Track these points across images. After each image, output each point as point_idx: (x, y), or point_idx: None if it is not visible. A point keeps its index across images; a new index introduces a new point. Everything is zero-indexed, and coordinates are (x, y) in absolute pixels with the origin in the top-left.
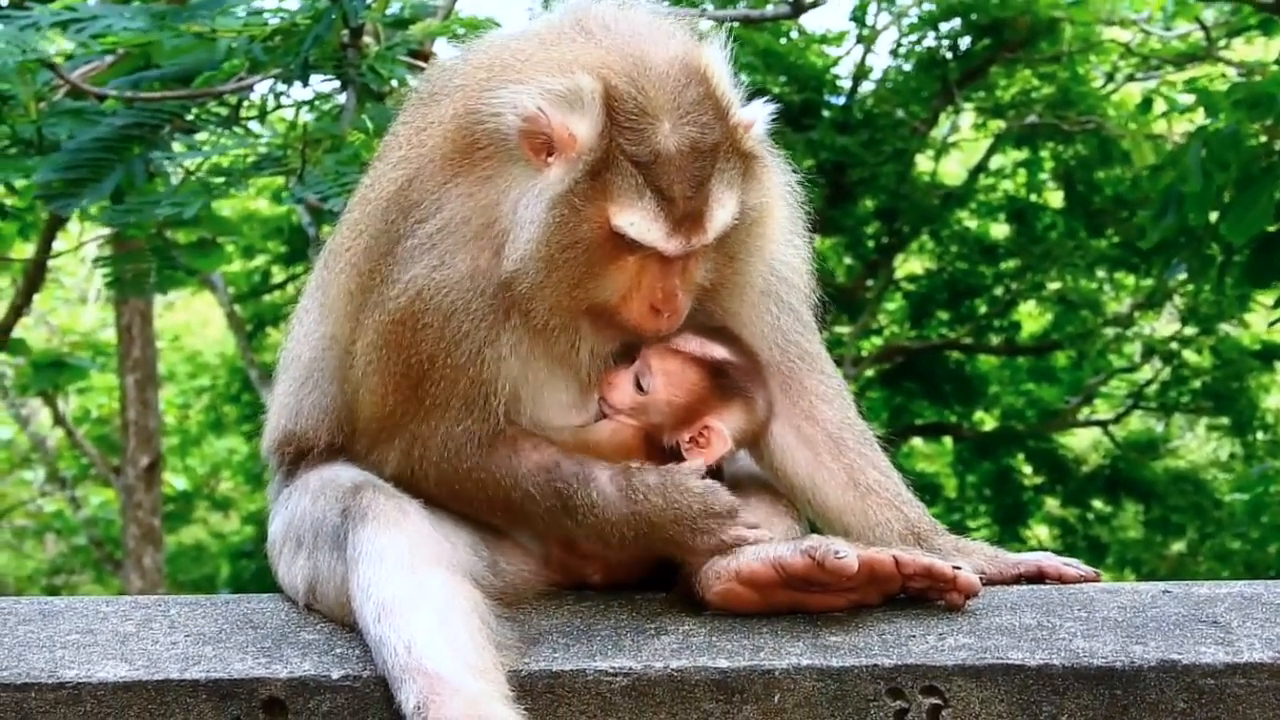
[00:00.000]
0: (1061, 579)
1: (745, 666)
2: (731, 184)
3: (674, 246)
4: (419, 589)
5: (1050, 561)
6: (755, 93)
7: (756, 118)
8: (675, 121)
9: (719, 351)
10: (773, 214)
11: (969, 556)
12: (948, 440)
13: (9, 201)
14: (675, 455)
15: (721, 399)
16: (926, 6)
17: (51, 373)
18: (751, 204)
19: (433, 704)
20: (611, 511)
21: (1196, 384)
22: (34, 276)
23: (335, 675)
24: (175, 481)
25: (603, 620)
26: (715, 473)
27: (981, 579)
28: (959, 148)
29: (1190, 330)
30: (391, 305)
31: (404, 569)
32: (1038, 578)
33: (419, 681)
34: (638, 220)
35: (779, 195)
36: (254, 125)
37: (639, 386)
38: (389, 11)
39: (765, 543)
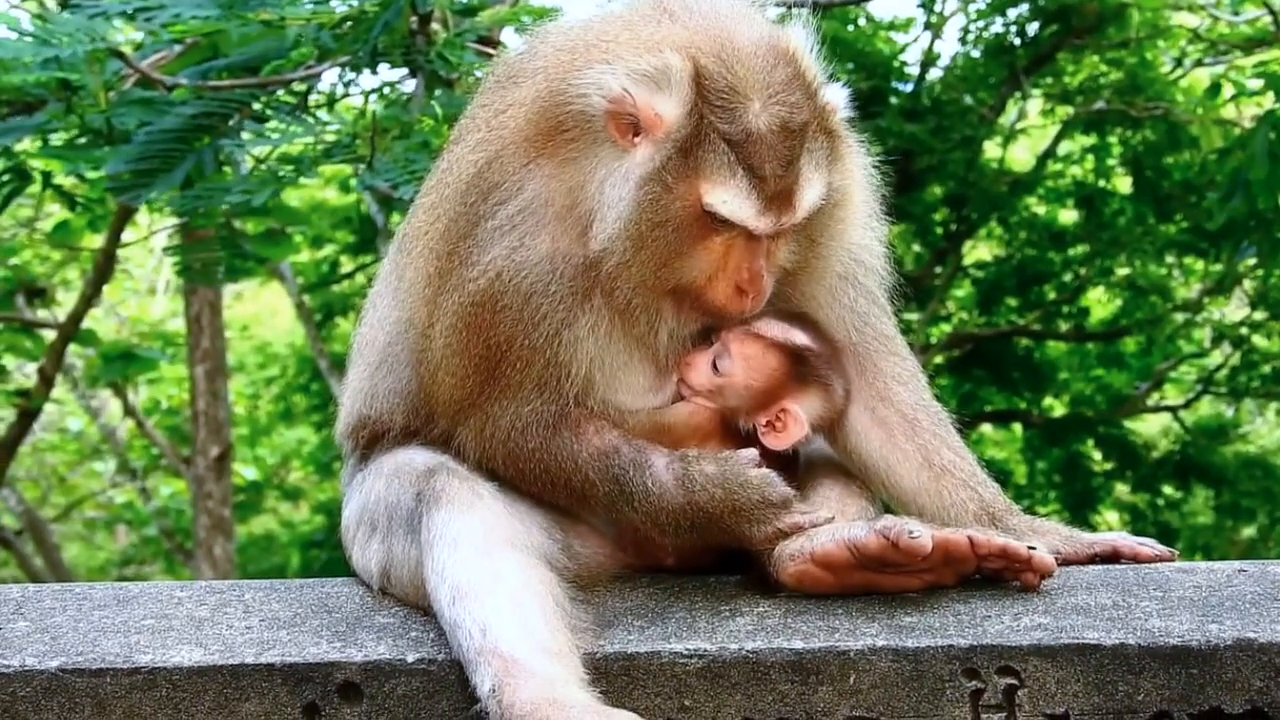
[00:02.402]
0: (1136, 558)
1: (820, 648)
2: (819, 164)
3: (765, 225)
4: (493, 572)
5: (1125, 541)
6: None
7: (840, 100)
8: (765, 101)
9: (800, 338)
10: (854, 197)
11: (1044, 537)
12: (1017, 427)
13: (79, 192)
14: (751, 438)
15: (800, 385)
16: None
17: (121, 364)
18: (836, 185)
19: (507, 686)
20: (668, 499)
21: (1266, 369)
22: (103, 267)
23: (410, 659)
24: (245, 472)
25: (677, 602)
26: (790, 455)
27: (1056, 559)
28: (1027, 134)
29: (1260, 315)
30: (471, 287)
31: (478, 552)
32: (1113, 557)
33: (494, 664)
34: (730, 198)
35: (860, 178)
36: (322, 114)
37: (716, 369)
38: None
39: (836, 524)
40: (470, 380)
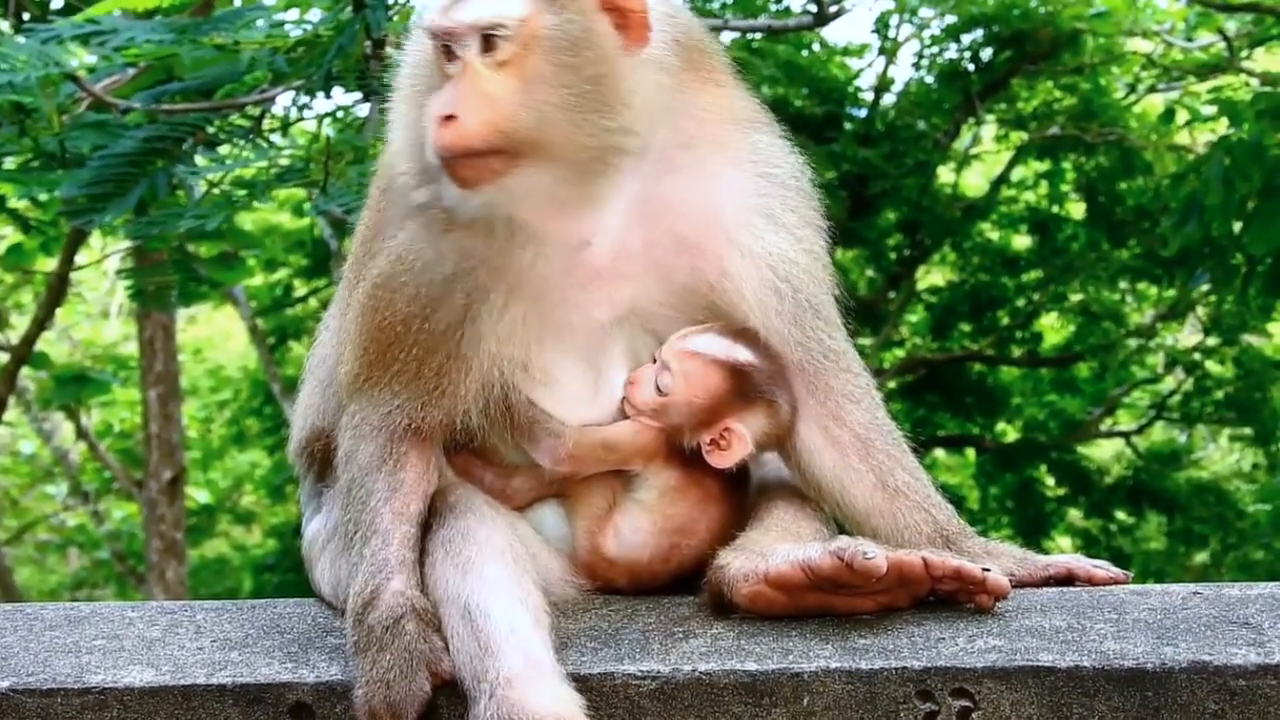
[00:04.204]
0: (1091, 581)
1: (774, 669)
2: None
3: (435, 17)
4: (495, 580)
5: (1079, 563)
6: (776, 105)
7: None
8: None
9: (742, 354)
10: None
11: (998, 559)
12: (970, 452)
13: (32, 215)
14: (696, 457)
15: (743, 402)
16: (949, 19)
17: (74, 387)
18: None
19: (510, 699)
20: (355, 587)
21: (1219, 394)
22: (56, 290)
23: None
24: (198, 495)
25: (631, 623)
26: (740, 474)
27: (1011, 581)
28: (981, 159)
29: (1213, 341)
30: (374, 272)
31: (491, 562)
32: (1067, 580)
33: (498, 673)
34: (425, 9)
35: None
36: (276, 138)
37: (659, 387)
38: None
39: (790, 545)
40: (359, 362)
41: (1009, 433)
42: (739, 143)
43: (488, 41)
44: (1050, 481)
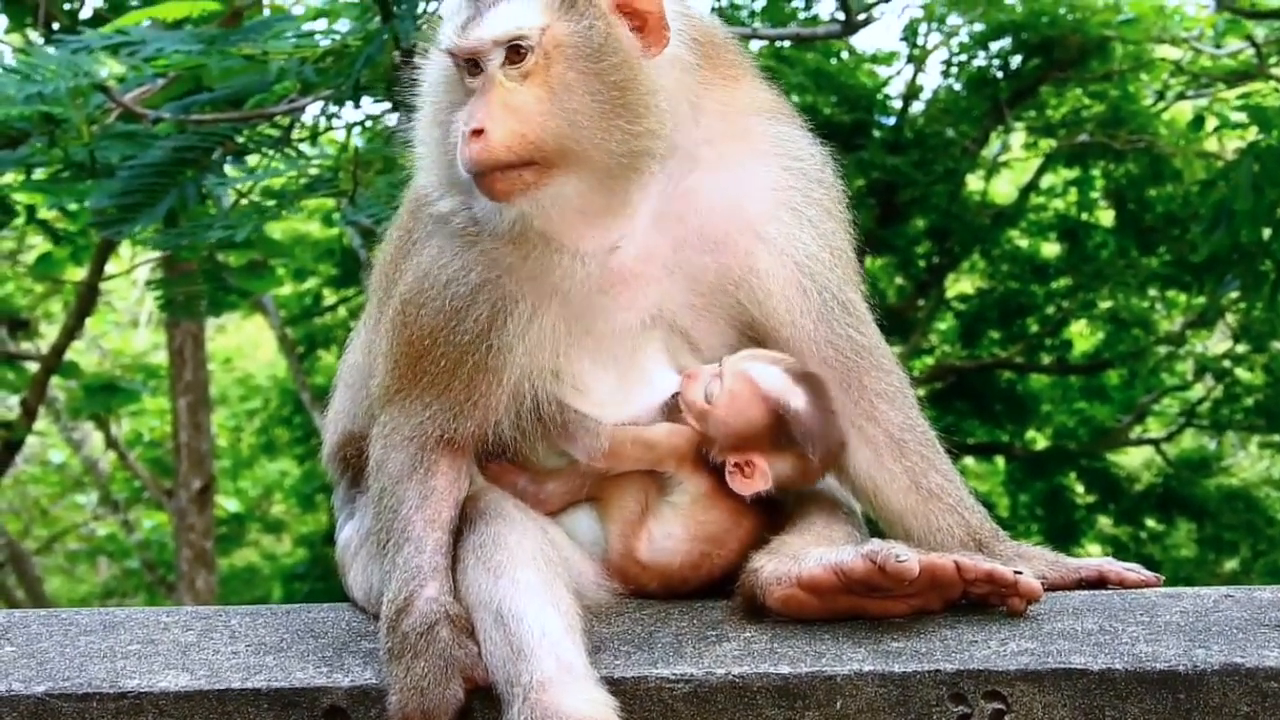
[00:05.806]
0: (1123, 583)
1: (807, 673)
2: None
3: (453, 37)
4: (528, 585)
5: (1111, 566)
6: (805, 112)
7: None
8: None
9: (794, 401)
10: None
11: (1030, 562)
12: (1000, 460)
13: (61, 225)
14: (719, 470)
15: (775, 446)
16: (977, 26)
17: (103, 396)
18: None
19: (544, 702)
20: (389, 593)
21: (1249, 402)
22: (86, 300)
23: None
24: (227, 504)
25: (664, 627)
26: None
27: (1043, 584)
28: (1010, 167)
29: (1242, 348)
30: (402, 289)
31: (523, 566)
32: (1099, 583)
33: (532, 678)
34: (441, 30)
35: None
36: (305, 147)
37: (707, 395)
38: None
39: (822, 548)
40: (391, 375)
41: (1038, 440)
42: (762, 134)
43: (510, 54)
44: (1080, 489)
